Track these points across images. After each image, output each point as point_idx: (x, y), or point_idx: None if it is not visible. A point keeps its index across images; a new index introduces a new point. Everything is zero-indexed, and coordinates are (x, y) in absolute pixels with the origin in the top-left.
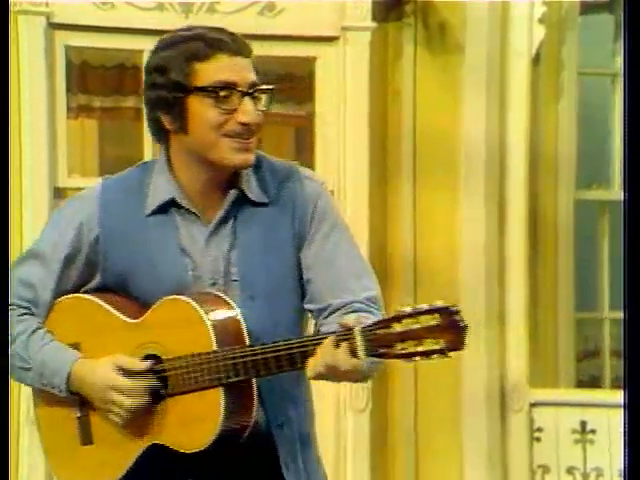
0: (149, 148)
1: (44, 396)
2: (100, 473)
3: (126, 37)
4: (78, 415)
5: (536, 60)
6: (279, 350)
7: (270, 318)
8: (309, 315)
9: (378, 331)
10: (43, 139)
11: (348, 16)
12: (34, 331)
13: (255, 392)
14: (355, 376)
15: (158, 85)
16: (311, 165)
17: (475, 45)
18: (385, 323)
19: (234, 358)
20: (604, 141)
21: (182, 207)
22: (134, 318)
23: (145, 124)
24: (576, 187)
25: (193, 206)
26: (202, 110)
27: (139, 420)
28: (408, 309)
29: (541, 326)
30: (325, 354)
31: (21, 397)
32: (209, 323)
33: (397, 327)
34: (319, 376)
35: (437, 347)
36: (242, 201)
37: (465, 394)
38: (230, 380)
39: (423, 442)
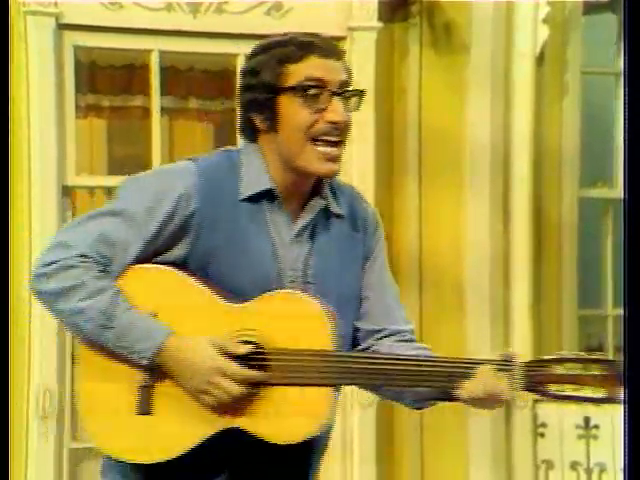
0: (157, 147)
1: (94, 358)
2: (159, 445)
3: (134, 37)
4: (143, 384)
5: (540, 60)
6: (422, 365)
7: (338, 326)
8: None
9: (538, 369)
10: (52, 138)
11: (354, 16)
12: (118, 292)
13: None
14: (500, 406)
15: (251, 87)
16: None
17: (480, 45)
18: (546, 362)
19: (371, 363)
20: (608, 140)
21: (275, 201)
22: (226, 301)
23: (237, 124)
24: (580, 185)
25: (283, 201)
26: (292, 109)
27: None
28: (572, 354)
29: (545, 323)
30: (487, 380)
31: (30, 390)
32: (329, 323)
33: (558, 369)
34: (472, 400)
35: (597, 395)
36: (322, 209)
37: None
38: (354, 383)
39: (429, 437)
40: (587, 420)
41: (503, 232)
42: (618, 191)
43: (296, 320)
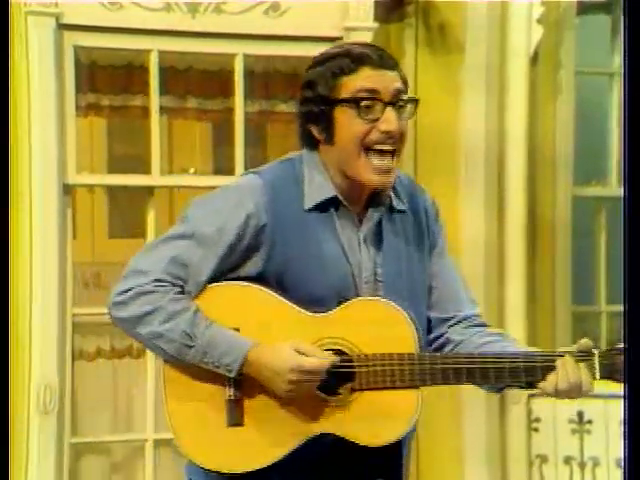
0: (157, 146)
1: (179, 377)
2: (252, 455)
3: (134, 37)
4: (230, 397)
5: (534, 59)
6: (503, 362)
7: (415, 323)
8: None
9: (616, 356)
10: (53, 137)
11: (351, 17)
12: (197, 311)
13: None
14: (582, 397)
15: (308, 99)
16: None
17: (475, 45)
18: (621, 350)
19: (448, 364)
20: (601, 138)
21: (341, 206)
22: (306, 312)
23: (298, 132)
24: (574, 183)
25: (348, 205)
26: (347, 120)
27: (312, 408)
28: None
29: (539, 319)
30: (570, 373)
31: (31, 387)
32: (412, 327)
33: None
34: (556, 392)
35: None
36: (387, 207)
37: (465, 385)
38: (436, 383)
39: (424, 431)
40: (580, 415)
41: (498, 230)
42: (612, 189)
43: (379, 326)
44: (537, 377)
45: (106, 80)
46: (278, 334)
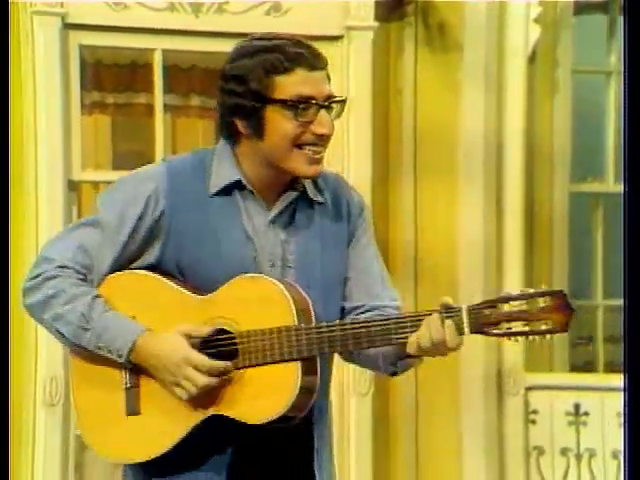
0: (160, 143)
1: (84, 367)
2: (149, 442)
3: (138, 36)
4: (127, 385)
5: (532, 58)
6: (374, 326)
7: (324, 308)
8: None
9: (485, 310)
10: (58, 134)
11: (351, 16)
12: (96, 296)
13: (319, 370)
14: (452, 352)
15: (236, 93)
16: None
17: (473, 44)
18: (492, 303)
19: (322, 333)
20: (598, 136)
21: (246, 190)
22: (196, 295)
23: (216, 123)
24: (571, 180)
25: (256, 192)
26: (280, 121)
27: (202, 392)
28: (516, 292)
29: None
30: (432, 330)
31: (37, 380)
32: (291, 300)
33: (505, 307)
34: (421, 351)
35: (544, 327)
36: (301, 197)
37: (463, 378)
38: (312, 354)
39: (423, 425)
40: (577, 407)
41: (496, 226)
42: (608, 185)
43: (258, 302)
44: (407, 337)
45: (111, 78)
46: (170, 319)
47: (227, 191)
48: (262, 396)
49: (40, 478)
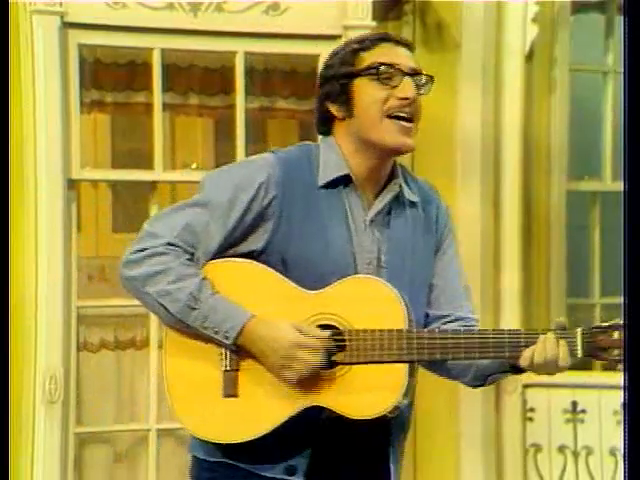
0: (159, 141)
1: (181, 344)
2: (245, 426)
3: (137, 35)
4: (226, 368)
5: (529, 57)
6: (487, 337)
7: (414, 311)
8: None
9: (599, 335)
10: (57, 133)
11: (349, 15)
12: (204, 278)
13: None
14: (559, 372)
15: (328, 78)
16: None
17: (471, 43)
18: (605, 329)
19: (435, 339)
20: (595, 134)
21: (351, 185)
22: (303, 289)
23: (315, 121)
24: (568, 178)
25: (359, 187)
26: (366, 89)
27: (302, 381)
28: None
29: (534, 311)
30: (548, 348)
31: (37, 377)
32: (403, 304)
33: (615, 334)
34: (532, 366)
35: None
36: (397, 197)
37: None
38: (422, 359)
39: (421, 422)
40: (574, 405)
41: (494, 223)
42: (605, 184)
43: (371, 303)
44: (520, 354)
45: (110, 77)
46: (275, 311)
47: (334, 184)
48: (368, 393)
49: (40, 475)
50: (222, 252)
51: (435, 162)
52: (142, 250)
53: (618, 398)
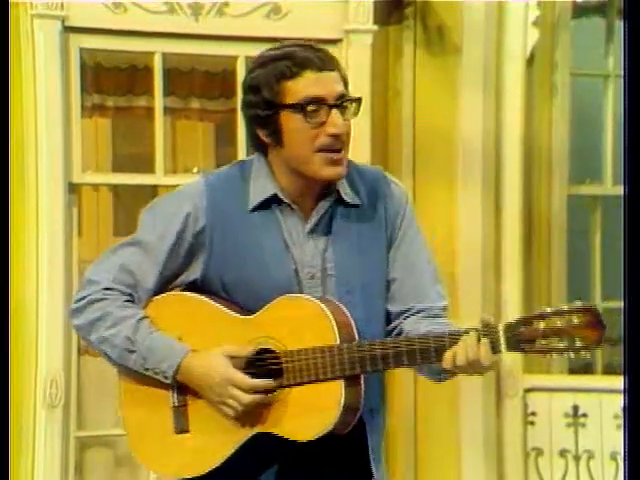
0: (160, 145)
1: (132, 386)
2: (198, 460)
3: (138, 39)
4: (175, 404)
5: (530, 61)
6: (414, 345)
7: (365, 313)
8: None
9: (521, 328)
10: (58, 137)
11: (351, 19)
12: (142, 318)
13: (363, 386)
14: (489, 370)
15: (253, 103)
16: None
17: (472, 47)
18: (528, 320)
19: (364, 351)
20: (596, 138)
21: (283, 203)
22: (240, 315)
23: (246, 135)
24: (569, 183)
25: (293, 203)
26: (293, 126)
27: (248, 410)
28: (550, 309)
29: None
30: (468, 348)
31: (37, 381)
32: (333, 320)
33: (541, 324)
34: (457, 368)
35: (579, 344)
36: (337, 203)
37: (462, 380)
38: (355, 372)
39: (422, 426)
40: (576, 409)
41: (495, 228)
42: (606, 188)
43: (301, 322)
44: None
45: (111, 81)
46: (215, 340)
47: (265, 205)
48: (307, 414)
49: (40, 479)
50: (162, 286)
51: (436, 166)
52: (83, 298)
53: (619, 402)
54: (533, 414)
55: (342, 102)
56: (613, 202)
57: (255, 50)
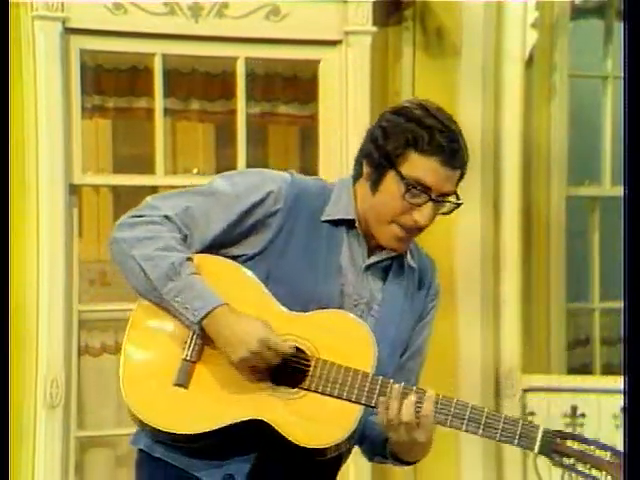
0: (160, 147)
1: (145, 326)
2: (187, 420)
3: (138, 41)
4: (186, 357)
5: (529, 63)
6: (465, 413)
7: (388, 367)
8: None
9: (557, 439)
10: (59, 138)
11: (350, 21)
12: (189, 259)
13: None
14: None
15: (375, 142)
16: (315, 162)
17: (471, 48)
18: (565, 436)
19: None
20: (595, 140)
21: (353, 230)
22: (284, 308)
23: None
24: (568, 184)
25: (363, 235)
26: (393, 190)
27: (255, 391)
28: (587, 436)
29: (534, 316)
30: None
31: (38, 381)
32: (375, 347)
33: (575, 445)
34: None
35: (600, 477)
36: (399, 257)
37: (462, 380)
38: (372, 405)
39: None
40: (574, 409)
41: (493, 229)
42: (605, 189)
43: (344, 338)
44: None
45: (111, 83)
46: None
47: (337, 223)
48: (317, 423)
49: (41, 479)
50: (216, 247)
51: None
52: (139, 216)
53: (617, 402)
54: (531, 414)
55: (443, 201)
56: (612, 203)
57: (255, 51)
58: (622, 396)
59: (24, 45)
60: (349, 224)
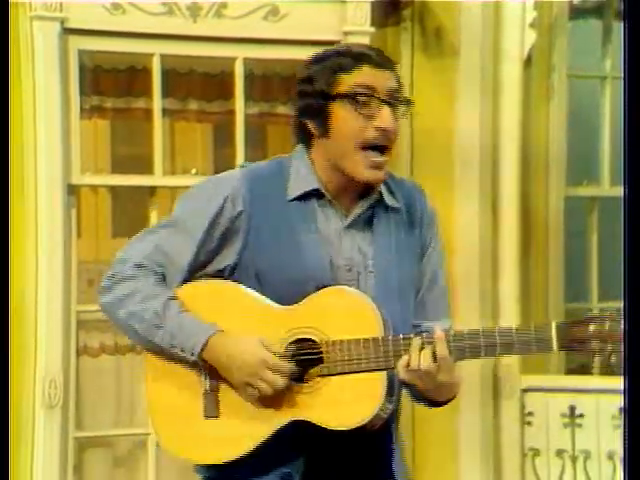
0: (159, 147)
1: (160, 369)
2: (227, 445)
3: (137, 41)
4: (207, 389)
5: (527, 63)
6: (478, 338)
7: (401, 314)
8: None
9: (574, 328)
10: (57, 138)
11: (348, 21)
12: (172, 298)
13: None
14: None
15: (306, 94)
16: None
17: (469, 48)
18: (576, 322)
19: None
20: (593, 140)
21: (323, 198)
22: (278, 305)
23: (292, 128)
24: (566, 184)
25: (333, 199)
26: (343, 115)
27: (281, 397)
28: (596, 312)
29: (533, 316)
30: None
31: (36, 381)
32: (377, 311)
33: (591, 327)
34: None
35: (614, 349)
36: (378, 203)
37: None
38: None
39: (419, 426)
40: (572, 409)
41: (492, 229)
42: (603, 189)
43: (346, 313)
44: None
45: (109, 83)
46: (250, 329)
47: (304, 198)
48: (347, 403)
49: (39, 479)
50: (195, 270)
51: (433, 168)
52: (112, 276)
53: (616, 402)
54: (530, 414)
55: (393, 98)
56: (610, 203)
57: (253, 51)
58: (621, 396)
59: (22, 45)
60: (316, 194)
